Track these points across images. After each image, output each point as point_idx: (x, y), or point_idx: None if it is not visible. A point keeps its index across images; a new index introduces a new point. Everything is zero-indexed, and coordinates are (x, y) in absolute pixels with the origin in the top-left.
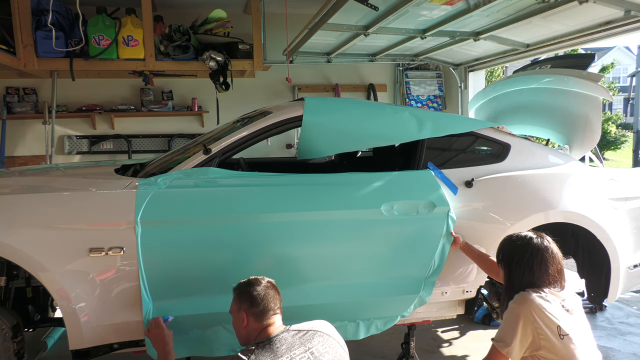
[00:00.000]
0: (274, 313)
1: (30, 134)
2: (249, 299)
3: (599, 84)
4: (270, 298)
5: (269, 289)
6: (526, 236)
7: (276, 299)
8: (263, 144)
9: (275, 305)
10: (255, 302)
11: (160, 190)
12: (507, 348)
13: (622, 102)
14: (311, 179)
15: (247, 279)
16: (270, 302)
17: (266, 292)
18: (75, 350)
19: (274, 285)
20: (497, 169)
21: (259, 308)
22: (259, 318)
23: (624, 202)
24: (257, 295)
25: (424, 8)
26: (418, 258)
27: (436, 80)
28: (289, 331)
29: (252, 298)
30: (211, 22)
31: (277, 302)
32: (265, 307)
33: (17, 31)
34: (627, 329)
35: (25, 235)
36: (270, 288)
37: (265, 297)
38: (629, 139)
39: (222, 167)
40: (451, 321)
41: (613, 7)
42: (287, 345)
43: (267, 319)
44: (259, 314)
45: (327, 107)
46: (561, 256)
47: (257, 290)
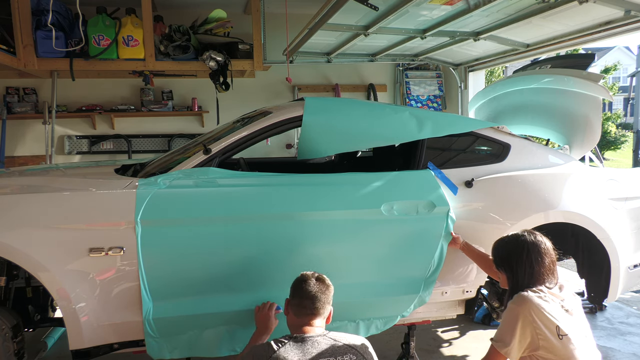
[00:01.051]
0: (312, 313)
1: (30, 134)
2: (294, 290)
3: (599, 84)
4: (312, 297)
5: (315, 289)
6: (517, 235)
7: (320, 301)
8: (263, 144)
9: (317, 306)
10: (297, 296)
11: (160, 190)
12: (505, 348)
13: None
14: (311, 179)
15: (307, 272)
16: (310, 301)
17: (310, 290)
18: (75, 350)
19: (322, 287)
20: (497, 169)
21: (298, 303)
22: (297, 313)
23: (624, 202)
24: (300, 290)
25: (424, 8)
26: (418, 258)
27: (436, 80)
28: (325, 337)
29: (296, 290)
30: (211, 22)
31: (320, 304)
32: (304, 304)
33: (17, 31)
34: (627, 329)
35: (25, 235)
36: (317, 289)
37: (307, 295)
38: (629, 139)
39: (222, 167)
40: (451, 321)
41: (613, 7)
42: (318, 350)
43: (305, 316)
44: (297, 309)
45: (327, 107)
46: (552, 248)
47: (303, 285)
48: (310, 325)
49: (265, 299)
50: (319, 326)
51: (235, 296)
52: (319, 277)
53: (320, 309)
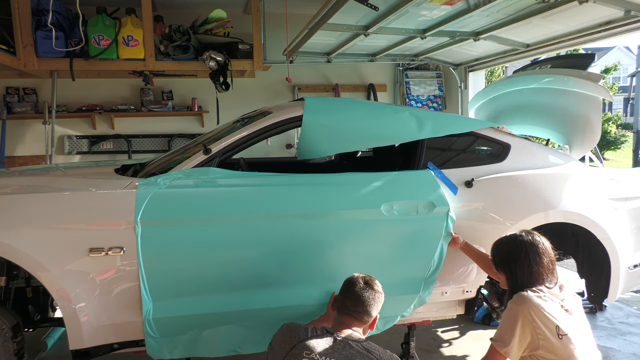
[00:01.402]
0: (351, 315)
1: (30, 134)
2: (343, 287)
3: (599, 84)
4: (354, 298)
5: (359, 291)
6: (516, 235)
7: (362, 305)
8: (263, 144)
9: (357, 310)
10: (343, 293)
11: (160, 190)
12: (505, 348)
13: (622, 102)
14: (311, 179)
15: (358, 274)
16: (352, 302)
17: (355, 291)
18: (75, 350)
19: (374, 295)
20: (497, 169)
21: (342, 300)
22: (338, 309)
23: (624, 202)
24: (347, 289)
25: (424, 8)
26: (418, 258)
27: (436, 80)
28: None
29: (344, 288)
30: (211, 22)
31: (361, 308)
32: (346, 304)
33: (17, 31)
34: (627, 329)
35: (25, 235)
36: (360, 293)
37: (350, 295)
38: (629, 139)
39: (222, 167)
40: (451, 321)
41: (613, 7)
42: (346, 354)
43: (344, 316)
44: (340, 306)
45: (327, 107)
46: (551, 248)
47: (350, 285)
48: (348, 327)
49: (265, 299)
50: (359, 331)
51: (235, 296)
52: (368, 280)
53: (361, 314)
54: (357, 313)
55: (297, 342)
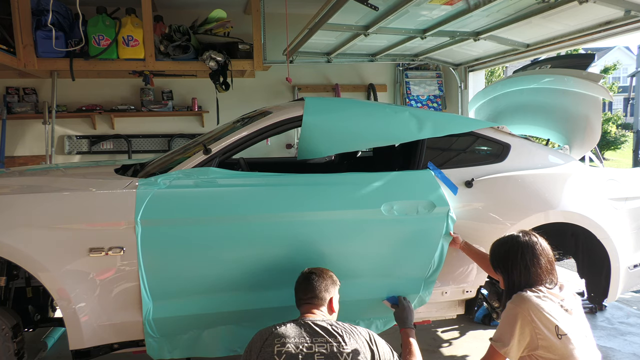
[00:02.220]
0: (305, 302)
1: (30, 134)
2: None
3: (599, 84)
4: (302, 289)
5: (303, 281)
6: (513, 236)
7: (309, 290)
8: (263, 144)
9: (306, 296)
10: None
11: (160, 190)
12: (505, 348)
13: (622, 102)
14: (311, 179)
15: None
16: (301, 292)
17: (299, 282)
18: (75, 350)
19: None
20: (497, 169)
21: (298, 294)
22: (297, 304)
23: (624, 202)
24: (297, 284)
25: (424, 8)
26: (418, 258)
27: (436, 80)
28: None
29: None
30: (211, 22)
31: (308, 294)
32: (298, 296)
33: (17, 31)
34: (627, 329)
35: (25, 235)
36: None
37: (298, 287)
38: (629, 139)
39: (222, 167)
40: (451, 321)
41: (613, 7)
42: (312, 331)
43: (300, 307)
44: (296, 300)
45: (327, 107)
46: (550, 248)
47: (298, 279)
48: (311, 313)
49: (264, 299)
50: (322, 314)
51: (235, 296)
52: (313, 270)
53: (312, 299)
54: (309, 299)
55: (268, 335)
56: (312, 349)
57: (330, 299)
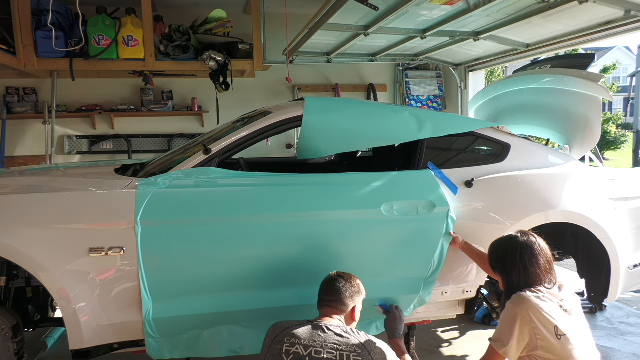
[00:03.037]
0: (326, 305)
1: (30, 134)
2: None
3: (599, 84)
4: (327, 290)
5: (331, 282)
6: (511, 237)
7: (333, 293)
8: (263, 144)
9: (329, 298)
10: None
11: (160, 190)
12: (504, 348)
13: (622, 102)
14: (311, 179)
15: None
16: (325, 293)
17: (326, 283)
18: (75, 350)
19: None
20: (497, 169)
21: (319, 295)
22: (318, 304)
23: (624, 202)
24: (323, 284)
25: (424, 8)
26: (418, 258)
27: (436, 80)
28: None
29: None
30: (211, 22)
31: (331, 296)
32: (321, 296)
33: (17, 31)
34: (627, 329)
35: (25, 235)
36: (332, 284)
37: (324, 287)
38: (629, 139)
39: (222, 167)
40: (451, 321)
41: (613, 7)
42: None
43: (321, 307)
44: (318, 300)
45: (327, 107)
46: (548, 248)
47: (324, 280)
48: (330, 317)
49: (264, 299)
50: (340, 321)
51: (236, 296)
52: (342, 274)
53: (335, 302)
54: (332, 302)
55: (280, 331)
56: (320, 354)
57: (353, 307)
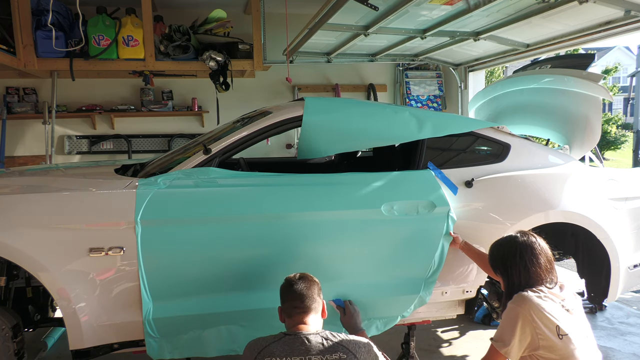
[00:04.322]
0: (303, 311)
1: (30, 134)
2: (282, 295)
3: (599, 84)
4: (299, 296)
5: (301, 287)
6: (512, 237)
7: (308, 297)
8: (263, 144)
9: (306, 303)
10: (286, 299)
11: (160, 190)
12: (505, 348)
13: (622, 102)
14: (311, 179)
15: (290, 275)
16: (299, 300)
17: (296, 289)
18: (75, 350)
19: (307, 284)
20: (497, 169)
21: (289, 305)
22: (289, 315)
23: (624, 202)
24: (287, 292)
25: (424, 8)
26: (418, 258)
27: (436, 80)
28: (317, 335)
29: (284, 294)
30: (211, 22)
31: (308, 300)
32: (294, 304)
33: (17, 31)
34: (627, 329)
35: (25, 235)
36: (303, 286)
37: (295, 295)
38: (629, 139)
39: (222, 167)
40: (451, 321)
41: (613, 7)
42: (307, 347)
43: (296, 315)
44: (289, 311)
45: (327, 107)
46: (548, 247)
47: (289, 287)
48: (304, 324)
49: (264, 299)
50: (314, 323)
51: (236, 296)
52: (302, 275)
53: (310, 305)
54: (305, 307)
55: (257, 352)
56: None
57: (322, 303)
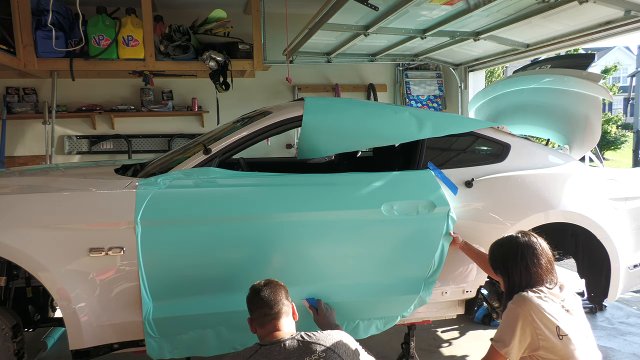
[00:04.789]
0: (273, 318)
1: (30, 134)
2: (249, 305)
3: (599, 84)
4: (268, 303)
5: (267, 293)
6: (512, 237)
7: (277, 303)
8: (263, 144)
9: (276, 309)
10: (254, 309)
11: (160, 190)
12: (505, 348)
13: (622, 102)
14: (311, 179)
15: (251, 286)
16: (268, 307)
17: (263, 297)
18: (75, 350)
19: (273, 288)
20: (497, 169)
21: (259, 314)
22: (262, 324)
23: (624, 202)
24: (255, 302)
25: (424, 8)
26: (418, 258)
27: (436, 80)
28: (293, 339)
29: (251, 304)
30: (211, 22)
31: (278, 306)
32: (264, 312)
33: (17, 31)
34: (627, 329)
35: (25, 235)
36: (269, 292)
37: (263, 303)
38: (629, 139)
39: (222, 167)
40: (451, 321)
41: (613, 7)
42: (285, 355)
43: (268, 323)
44: (260, 320)
45: (327, 107)
46: (549, 248)
47: (254, 297)
48: (278, 330)
49: None
50: (288, 327)
51: (235, 296)
52: (267, 281)
53: (281, 310)
54: (276, 313)
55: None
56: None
57: (292, 306)
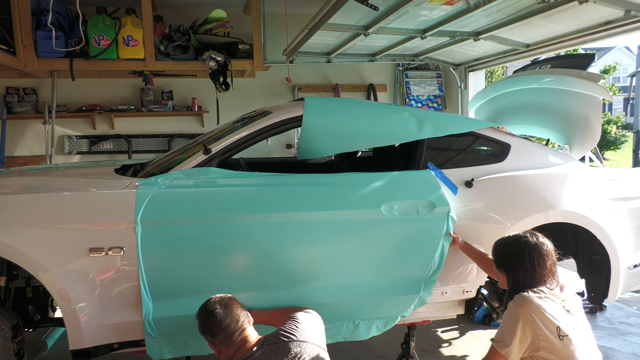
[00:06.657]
0: (237, 331)
1: (30, 134)
2: (206, 331)
3: (599, 84)
4: (226, 320)
5: (222, 313)
6: (520, 236)
7: (234, 316)
8: (263, 144)
9: (236, 324)
10: (214, 333)
11: (160, 190)
12: (506, 348)
13: (622, 102)
14: (311, 179)
15: (199, 310)
16: (226, 324)
17: (219, 318)
18: (75, 350)
19: (225, 303)
20: (497, 169)
21: (220, 337)
22: (226, 344)
23: (624, 202)
24: (214, 325)
25: (424, 8)
26: (418, 258)
27: (436, 80)
28: (263, 347)
29: (208, 330)
30: (211, 22)
31: (237, 319)
32: (228, 331)
33: (17, 31)
34: (627, 329)
35: (25, 235)
36: (223, 312)
37: (222, 324)
38: (629, 139)
39: (222, 167)
40: (451, 321)
41: (613, 7)
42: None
43: (234, 340)
44: (223, 341)
45: (327, 107)
46: (554, 249)
47: (211, 319)
48: (245, 345)
49: (264, 299)
50: (253, 333)
51: (235, 296)
52: (213, 301)
53: (244, 320)
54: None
55: None
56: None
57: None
